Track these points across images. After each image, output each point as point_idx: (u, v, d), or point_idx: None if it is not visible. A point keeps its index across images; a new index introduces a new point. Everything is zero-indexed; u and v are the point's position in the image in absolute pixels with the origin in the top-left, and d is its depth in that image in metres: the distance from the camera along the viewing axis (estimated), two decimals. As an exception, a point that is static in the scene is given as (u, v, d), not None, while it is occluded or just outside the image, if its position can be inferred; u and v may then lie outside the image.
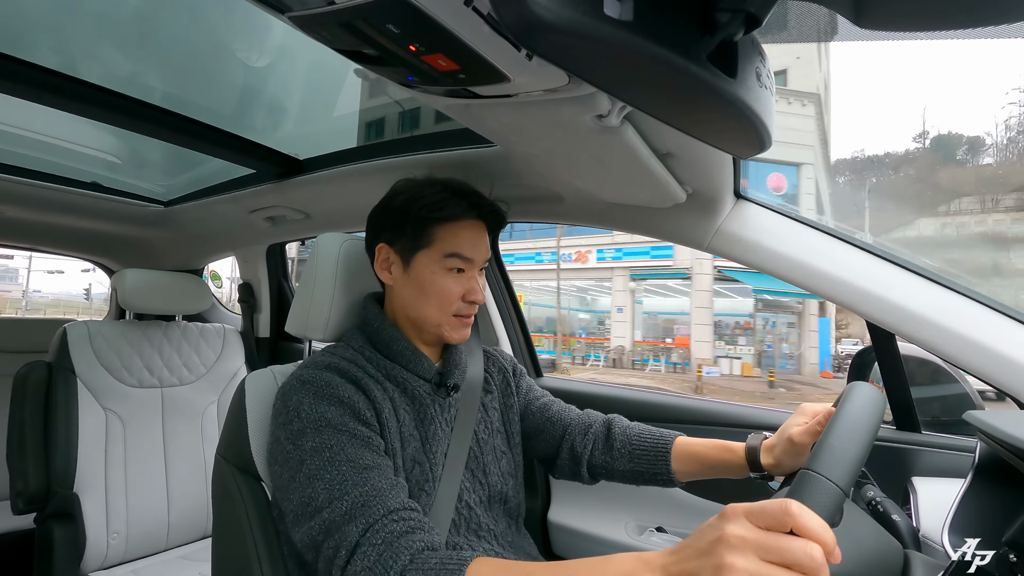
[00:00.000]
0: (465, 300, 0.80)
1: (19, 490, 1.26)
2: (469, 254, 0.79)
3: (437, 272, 0.78)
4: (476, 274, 0.82)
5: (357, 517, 0.59)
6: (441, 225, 0.79)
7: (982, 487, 0.62)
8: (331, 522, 0.60)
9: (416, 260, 0.79)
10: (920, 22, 0.35)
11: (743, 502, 0.42)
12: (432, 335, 0.82)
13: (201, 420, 1.58)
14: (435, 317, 0.79)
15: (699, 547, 0.42)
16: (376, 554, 0.56)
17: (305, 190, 1.32)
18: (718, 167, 0.82)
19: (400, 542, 0.56)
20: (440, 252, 0.78)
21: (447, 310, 0.79)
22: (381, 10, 0.43)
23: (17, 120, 1.24)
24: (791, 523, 0.39)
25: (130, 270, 1.51)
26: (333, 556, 0.58)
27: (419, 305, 0.79)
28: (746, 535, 0.39)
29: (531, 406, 0.94)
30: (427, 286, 0.79)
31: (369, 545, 0.57)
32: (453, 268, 0.79)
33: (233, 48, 1.07)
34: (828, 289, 0.88)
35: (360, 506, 0.60)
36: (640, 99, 0.45)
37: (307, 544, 0.62)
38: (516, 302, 1.50)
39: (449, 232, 0.79)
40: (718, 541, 0.40)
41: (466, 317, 0.81)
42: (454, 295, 0.79)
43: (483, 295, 0.82)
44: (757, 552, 0.38)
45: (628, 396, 1.30)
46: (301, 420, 0.67)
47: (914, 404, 0.97)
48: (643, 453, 0.84)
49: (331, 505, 0.60)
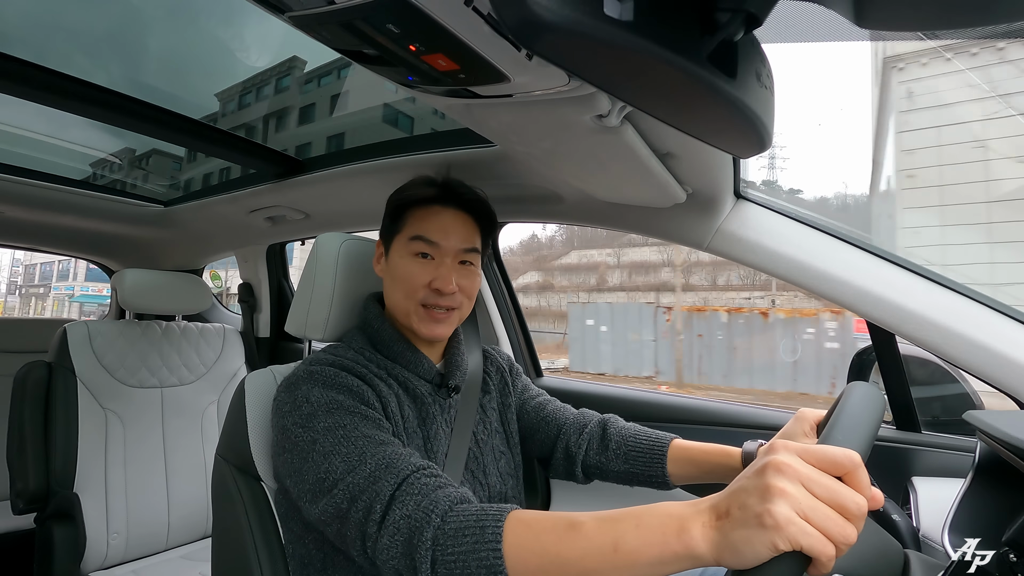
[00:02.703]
0: (431, 288, 0.77)
1: (19, 490, 1.26)
2: (435, 238, 0.77)
3: (404, 256, 0.78)
4: (449, 263, 0.78)
5: (384, 476, 0.57)
6: (412, 210, 0.79)
7: (982, 487, 0.62)
8: (355, 486, 0.57)
9: (392, 247, 0.80)
10: (920, 22, 0.35)
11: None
12: (405, 327, 0.80)
13: (201, 420, 1.58)
14: (402, 305, 0.78)
15: (747, 475, 0.41)
16: (415, 503, 0.54)
17: (305, 190, 1.32)
18: (718, 167, 0.82)
19: (437, 492, 0.54)
20: (407, 236, 0.78)
21: (413, 298, 0.77)
22: (381, 10, 0.43)
23: (17, 120, 1.24)
24: (848, 469, 0.39)
25: (130, 270, 1.51)
26: (366, 514, 0.55)
27: (390, 293, 0.80)
28: (796, 465, 0.39)
29: (527, 405, 0.94)
30: (395, 272, 0.79)
31: (407, 495, 0.54)
32: (418, 253, 0.77)
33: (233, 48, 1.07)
34: (828, 289, 0.88)
35: (384, 467, 0.58)
36: (640, 99, 0.45)
37: (330, 515, 0.59)
38: (516, 302, 1.50)
39: (418, 216, 0.79)
40: (767, 466, 0.40)
41: (436, 310, 0.78)
42: (418, 281, 0.77)
43: (455, 286, 0.77)
44: (804, 482, 0.38)
45: (626, 395, 1.30)
46: (311, 405, 0.66)
47: (914, 404, 0.97)
48: (638, 455, 0.83)
49: (351, 473, 0.58)
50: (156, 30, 1.03)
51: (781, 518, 0.36)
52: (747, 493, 0.40)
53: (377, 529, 0.54)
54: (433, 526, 0.51)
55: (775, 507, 0.37)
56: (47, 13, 0.93)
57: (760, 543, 0.37)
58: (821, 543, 0.36)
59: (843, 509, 0.37)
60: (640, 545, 0.43)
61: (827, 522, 0.37)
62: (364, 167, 1.13)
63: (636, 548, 0.43)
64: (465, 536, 0.50)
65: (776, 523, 0.36)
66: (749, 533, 0.38)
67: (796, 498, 0.37)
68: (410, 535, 0.52)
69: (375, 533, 0.54)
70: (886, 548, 0.59)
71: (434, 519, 0.52)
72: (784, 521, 0.36)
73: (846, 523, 0.37)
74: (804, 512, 0.37)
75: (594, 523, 0.47)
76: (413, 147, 1.06)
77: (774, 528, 0.36)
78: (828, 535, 0.37)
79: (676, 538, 0.42)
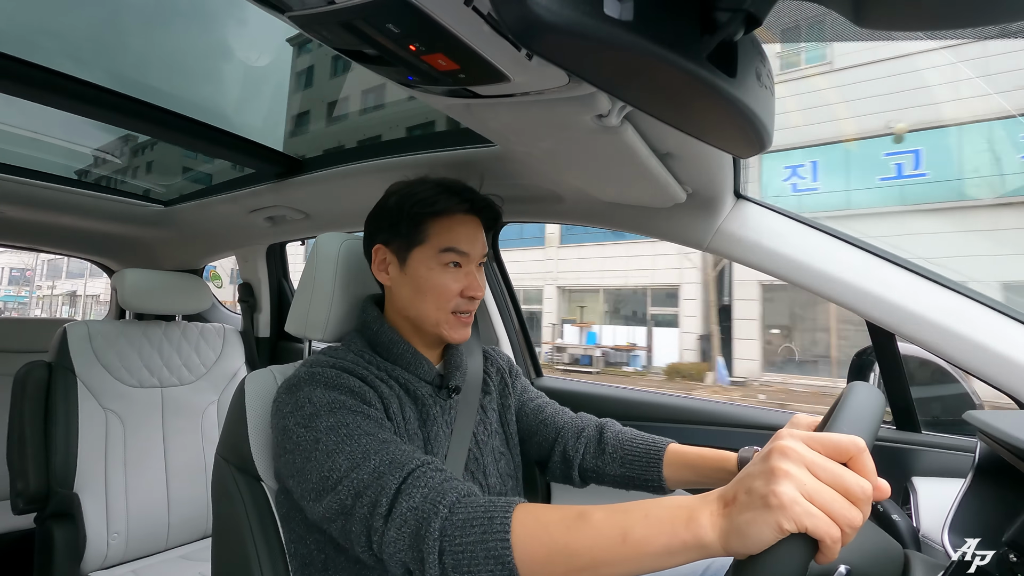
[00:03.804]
0: (464, 296, 0.78)
1: (19, 490, 1.26)
2: (465, 248, 0.78)
3: (434, 268, 0.78)
4: (474, 269, 0.81)
5: (389, 471, 0.56)
6: (435, 220, 0.78)
7: (982, 487, 0.62)
8: (360, 482, 0.57)
9: (412, 258, 0.79)
10: (920, 22, 0.35)
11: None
12: (431, 335, 0.80)
13: (201, 420, 1.58)
14: (433, 315, 0.78)
15: (754, 462, 0.42)
16: (421, 495, 0.53)
17: (305, 190, 1.32)
18: (718, 167, 0.82)
19: (444, 485, 0.54)
20: (435, 247, 0.78)
21: (445, 307, 0.78)
22: (381, 10, 0.43)
23: (17, 120, 1.24)
24: (854, 455, 0.39)
25: (130, 270, 1.51)
26: (372, 509, 0.55)
27: (417, 304, 0.79)
28: (801, 450, 0.39)
29: (525, 407, 0.94)
30: (424, 283, 0.78)
31: (413, 487, 0.54)
32: (449, 263, 0.78)
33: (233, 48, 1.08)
34: (828, 289, 0.88)
35: (389, 463, 0.58)
36: (640, 99, 0.45)
37: (334, 512, 0.58)
38: (516, 302, 1.50)
39: (443, 227, 0.78)
40: (772, 450, 0.40)
41: (465, 315, 0.80)
42: (452, 291, 0.78)
43: (483, 290, 0.80)
44: (809, 466, 0.38)
45: (624, 396, 1.30)
46: (313, 405, 0.66)
47: (914, 404, 0.97)
48: (635, 459, 0.83)
49: (356, 470, 0.58)
50: (156, 30, 1.03)
51: (786, 498, 0.37)
52: (753, 478, 0.40)
53: (384, 523, 0.54)
54: (441, 517, 0.51)
55: (780, 487, 0.37)
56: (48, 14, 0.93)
57: (765, 523, 0.37)
58: (826, 524, 0.36)
59: (848, 492, 0.38)
60: (649, 535, 0.43)
61: (832, 504, 0.37)
62: (364, 167, 1.13)
63: (645, 538, 0.43)
64: (473, 527, 0.50)
65: (781, 503, 0.37)
66: (754, 515, 0.38)
67: (801, 480, 0.38)
68: (417, 527, 0.52)
69: (381, 527, 0.54)
70: (886, 548, 0.59)
71: (442, 510, 0.52)
72: (789, 501, 0.37)
73: (851, 506, 0.37)
74: (809, 494, 0.37)
75: (603, 514, 0.47)
76: (413, 147, 1.06)
77: (779, 508, 0.37)
78: (833, 517, 0.37)
79: (685, 527, 0.42)
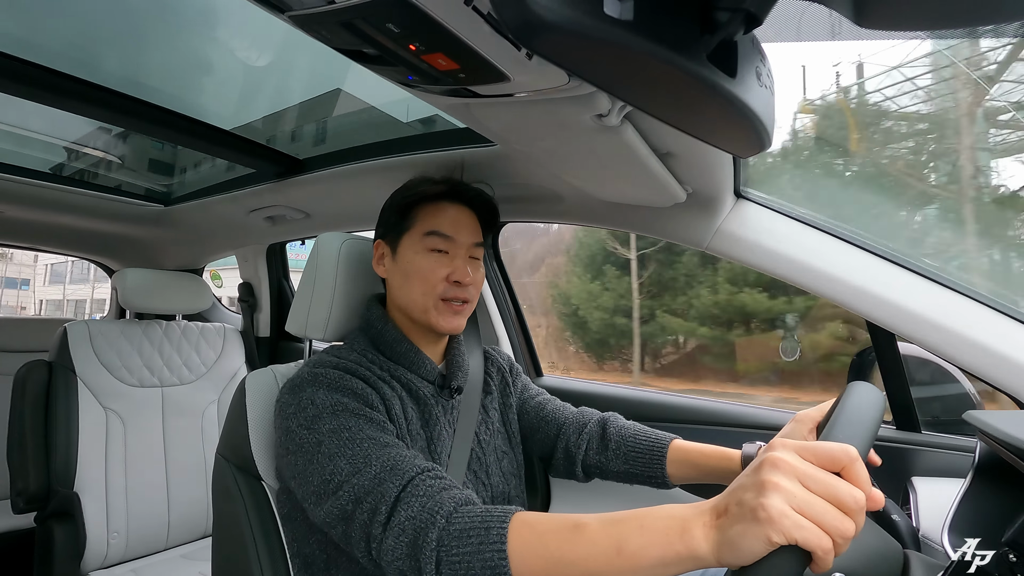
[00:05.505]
0: (450, 281, 0.78)
1: (19, 489, 1.26)
2: (448, 231, 0.79)
3: (419, 253, 0.79)
4: (462, 256, 0.80)
5: (389, 478, 0.57)
6: (421, 206, 0.80)
7: (982, 487, 0.62)
8: (360, 488, 0.58)
9: (401, 245, 0.80)
10: (920, 22, 0.35)
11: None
12: (422, 323, 0.80)
13: (201, 420, 1.58)
14: (420, 301, 0.78)
15: (746, 473, 0.42)
16: (419, 504, 0.54)
17: (305, 190, 1.32)
18: (718, 167, 0.82)
19: (442, 495, 0.55)
20: (420, 232, 0.79)
21: (432, 292, 0.78)
22: (381, 9, 0.43)
23: (17, 120, 1.24)
24: (845, 464, 0.39)
25: (130, 269, 1.52)
26: (372, 516, 0.56)
27: (406, 290, 0.79)
28: (792, 461, 0.39)
29: (527, 405, 0.94)
30: (410, 268, 0.79)
31: (412, 496, 0.55)
32: (434, 248, 0.79)
33: (233, 48, 1.07)
34: (828, 289, 0.88)
35: (389, 470, 0.58)
36: (640, 99, 0.45)
37: (335, 517, 0.59)
38: (516, 302, 1.50)
39: (428, 213, 0.80)
40: (763, 462, 0.40)
41: (455, 303, 0.79)
42: (437, 276, 0.78)
43: (471, 278, 0.79)
44: (800, 478, 0.38)
45: (626, 395, 1.30)
46: (316, 407, 0.66)
47: (914, 404, 0.97)
48: (638, 455, 0.83)
49: (357, 475, 0.58)
50: (157, 30, 1.02)
51: (774, 511, 0.37)
52: (744, 490, 0.40)
53: (382, 530, 0.55)
54: (438, 527, 0.52)
55: (768, 500, 0.37)
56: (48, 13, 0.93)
57: (755, 537, 0.37)
58: (816, 536, 0.36)
59: (840, 503, 0.37)
60: (643, 546, 0.44)
61: (823, 516, 0.37)
62: (364, 167, 1.13)
63: (639, 550, 0.44)
64: (470, 537, 0.50)
65: (769, 516, 0.37)
66: (745, 527, 0.38)
67: (791, 492, 0.38)
68: (415, 536, 0.52)
69: (380, 534, 0.55)
70: (886, 548, 0.59)
71: (439, 520, 0.52)
72: (777, 514, 0.37)
73: (843, 517, 0.37)
74: (799, 506, 0.37)
75: (598, 525, 0.47)
76: (413, 147, 1.06)
77: (767, 521, 0.37)
78: (824, 528, 0.37)
79: (679, 539, 0.42)
